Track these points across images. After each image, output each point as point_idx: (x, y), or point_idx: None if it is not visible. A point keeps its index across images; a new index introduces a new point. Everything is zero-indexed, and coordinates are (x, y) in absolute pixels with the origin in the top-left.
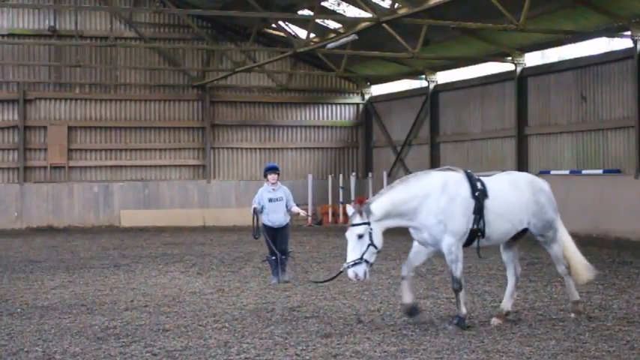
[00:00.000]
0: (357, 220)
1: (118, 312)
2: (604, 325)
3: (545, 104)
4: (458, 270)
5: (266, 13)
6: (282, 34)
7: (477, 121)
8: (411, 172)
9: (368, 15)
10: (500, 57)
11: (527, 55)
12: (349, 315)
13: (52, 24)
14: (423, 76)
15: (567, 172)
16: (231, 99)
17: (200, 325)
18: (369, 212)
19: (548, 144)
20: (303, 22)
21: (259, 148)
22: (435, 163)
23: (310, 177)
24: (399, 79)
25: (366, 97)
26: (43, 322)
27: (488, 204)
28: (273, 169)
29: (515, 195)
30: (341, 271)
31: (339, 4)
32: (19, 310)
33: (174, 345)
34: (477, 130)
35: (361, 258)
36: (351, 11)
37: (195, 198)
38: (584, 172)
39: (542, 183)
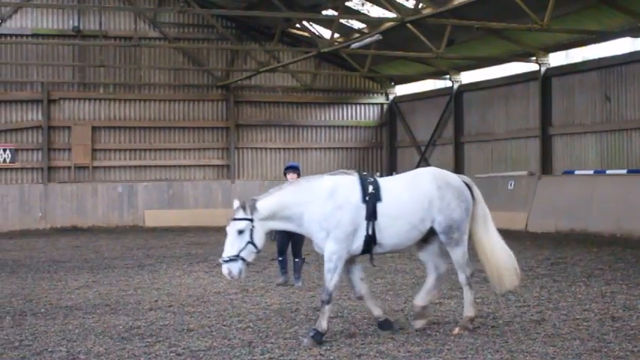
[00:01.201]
0: (240, 214)
1: (142, 312)
2: (628, 325)
3: (570, 104)
4: (332, 281)
5: (290, 13)
6: (306, 34)
7: (501, 121)
8: None
9: (392, 15)
10: (524, 57)
11: (551, 55)
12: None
13: (76, 24)
14: (447, 76)
15: (591, 172)
16: (256, 99)
17: (224, 325)
18: (253, 209)
19: (573, 144)
20: (327, 22)
21: (283, 148)
22: (459, 163)
23: None
24: (423, 79)
25: (391, 97)
26: (67, 322)
27: (382, 208)
28: (292, 169)
29: (413, 193)
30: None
31: (363, 4)
32: (43, 310)
33: (199, 345)
34: (501, 130)
35: (237, 255)
36: (375, 11)
37: (220, 198)
38: (608, 172)
39: (452, 178)
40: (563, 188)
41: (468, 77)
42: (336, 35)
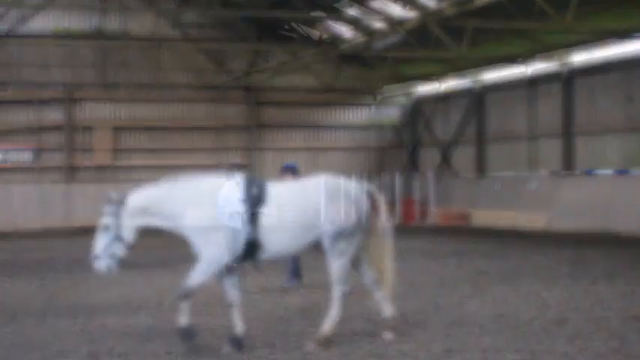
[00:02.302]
0: (106, 209)
1: (163, 312)
2: None
3: (592, 104)
4: (196, 281)
5: (311, 14)
6: (327, 34)
7: (523, 121)
8: (456, 172)
9: (414, 15)
10: (546, 57)
11: (573, 55)
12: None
13: (97, 25)
14: (469, 76)
15: (613, 172)
16: (277, 99)
17: (245, 325)
18: (120, 203)
19: (594, 144)
20: (348, 23)
21: (305, 149)
22: (481, 163)
23: None
24: (445, 79)
25: (412, 97)
26: (89, 322)
27: (265, 212)
28: (287, 169)
29: (300, 201)
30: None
31: (385, 5)
32: (64, 310)
33: (220, 345)
34: (523, 129)
35: (105, 249)
36: (397, 11)
37: None
38: (630, 172)
39: (346, 188)
40: (585, 188)
41: (490, 77)
42: (358, 35)
